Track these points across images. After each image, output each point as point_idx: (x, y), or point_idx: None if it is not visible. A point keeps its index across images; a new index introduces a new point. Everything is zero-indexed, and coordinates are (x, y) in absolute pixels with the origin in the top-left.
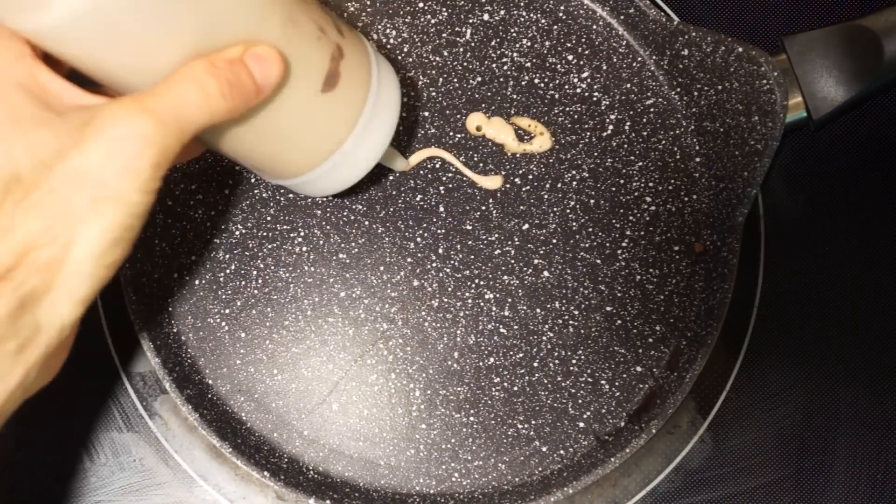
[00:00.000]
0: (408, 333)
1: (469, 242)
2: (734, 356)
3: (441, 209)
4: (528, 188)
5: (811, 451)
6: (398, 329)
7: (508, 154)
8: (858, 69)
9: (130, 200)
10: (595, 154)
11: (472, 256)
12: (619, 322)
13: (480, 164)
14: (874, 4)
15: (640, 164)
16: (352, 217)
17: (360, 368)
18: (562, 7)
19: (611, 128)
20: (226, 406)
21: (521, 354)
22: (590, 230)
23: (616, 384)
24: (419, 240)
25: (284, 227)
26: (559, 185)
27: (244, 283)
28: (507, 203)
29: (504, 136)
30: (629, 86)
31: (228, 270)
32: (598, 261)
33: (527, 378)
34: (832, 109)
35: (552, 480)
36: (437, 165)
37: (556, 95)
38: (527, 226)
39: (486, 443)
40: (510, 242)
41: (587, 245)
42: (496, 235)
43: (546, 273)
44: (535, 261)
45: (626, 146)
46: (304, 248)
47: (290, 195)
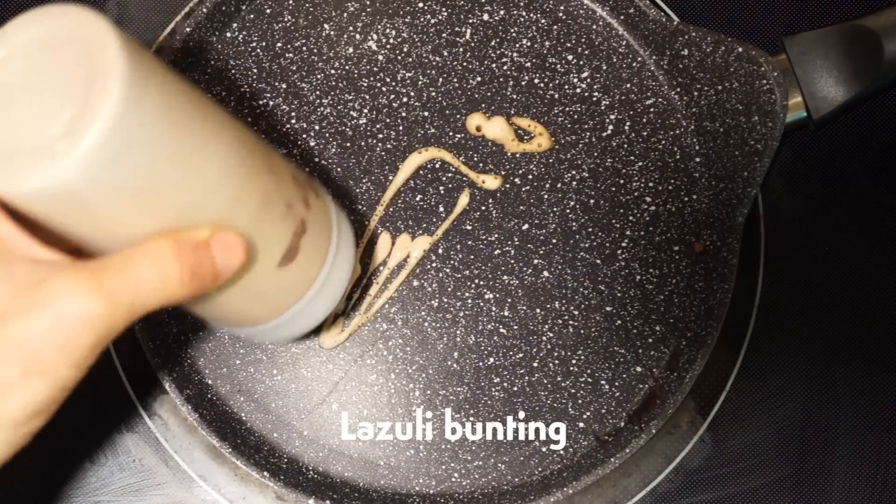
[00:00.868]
0: (408, 333)
1: (469, 242)
2: (734, 356)
3: (441, 209)
4: (528, 188)
5: (811, 451)
6: (398, 329)
7: (508, 154)
8: (858, 69)
9: (61, 375)
10: (595, 154)
11: (472, 256)
12: (619, 322)
13: (480, 164)
14: (874, 4)
15: (640, 164)
16: (352, 217)
17: (360, 368)
18: (562, 7)
19: (611, 128)
20: (226, 406)
21: (521, 354)
22: (590, 230)
23: (616, 384)
24: None
25: None
26: (559, 185)
27: None
28: (507, 203)
29: (504, 136)
30: (629, 86)
31: None
32: (598, 261)
33: (527, 378)
34: (832, 109)
35: (552, 480)
36: (437, 165)
37: (556, 95)
38: (527, 226)
39: (486, 443)
40: (510, 242)
41: (587, 245)
42: (496, 235)
43: (546, 273)
44: (535, 261)
45: (626, 146)
46: None
47: None
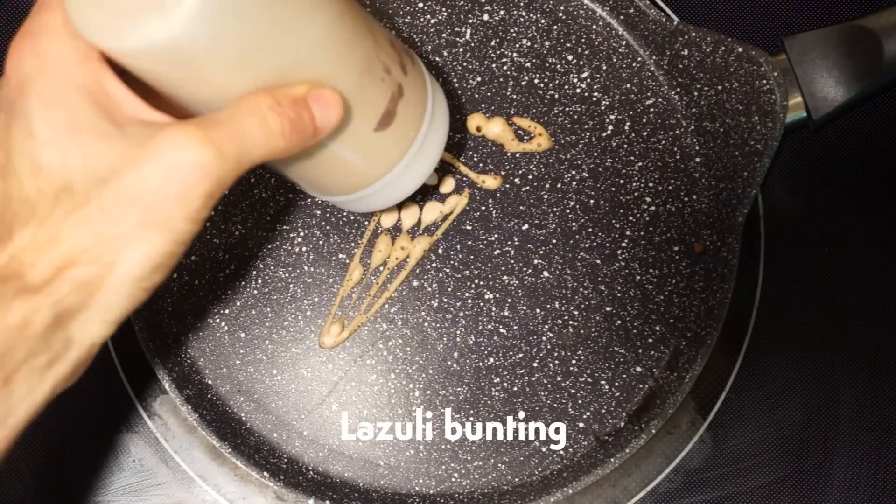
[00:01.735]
0: (407, 333)
1: (469, 242)
2: (734, 356)
3: (441, 209)
4: (528, 188)
5: (811, 451)
6: (398, 329)
7: (508, 154)
8: (858, 69)
9: (177, 228)
10: (595, 154)
11: (472, 256)
12: (619, 322)
13: (480, 164)
14: (874, 4)
15: (640, 164)
16: (352, 217)
17: (360, 368)
18: (562, 7)
19: (611, 128)
20: (225, 406)
21: (521, 354)
22: (590, 230)
23: (616, 384)
24: None
25: (284, 227)
26: (559, 185)
27: (244, 283)
28: (507, 203)
29: (504, 137)
30: (629, 86)
31: (228, 270)
32: (598, 261)
33: (527, 378)
34: (832, 109)
35: (552, 481)
36: (437, 165)
37: (556, 95)
38: (527, 226)
39: (486, 443)
40: (510, 242)
41: (587, 245)
42: (496, 235)
43: (546, 273)
44: (535, 261)
45: (626, 146)
46: (304, 248)
47: (290, 195)
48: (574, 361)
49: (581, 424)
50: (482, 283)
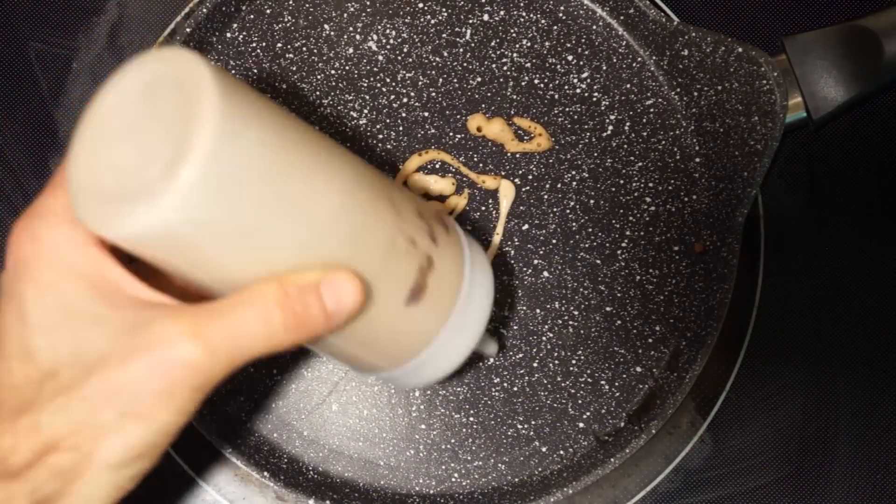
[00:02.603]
0: None
1: None
2: (734, 356)
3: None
4: (528, 188)
5: (811, 451)
6: None
7: (508, 154)
8: (858, 69)
9: (161, 420)
10: (595, 154)
11: None
12: (619, 322)
13: (480, 165)
14: (874, 4)
15: (640, 165)
16: None
17: None
18: (562, 7)
19: (611, 128)
20: (226, 406)
21: (521, 354)
22: (590, 230)
23: (616, 384)
24: None
25: None
26: (559, 186)
27: None
28: None
29: (504, 137)
30: (629, 86)
31: None
32: (598, 261)
33: (526, 378)
34: (832, 109)
35: (552, 481)
36: (437, 166)
37: (556, 96)
38: (527, 226)
39: (486, 443)
40: (510, 242)
41: (587, 245)
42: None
43: (546, 273)
44: (535, 261)
45: (626, 146)
46: None
47: None
48: (574, 361)
49: (581, 424)
50: None
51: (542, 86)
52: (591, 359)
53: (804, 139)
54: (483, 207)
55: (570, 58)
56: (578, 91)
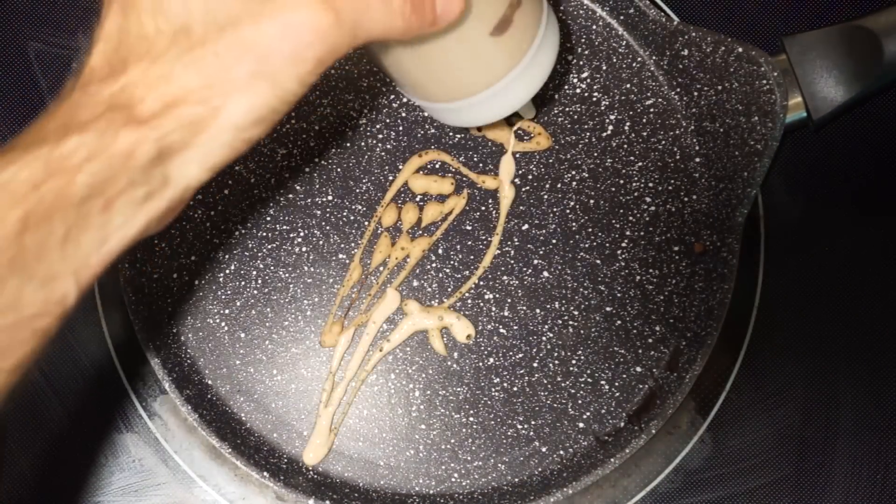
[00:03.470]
0: None
1: (469, 242)
2: (734, 356)
3: (441, 209)
4: (528, 188)
5: (811, 451)
6: (398, 328)
7: (508, 154)
8: (858, 69)
9: (285, 86)
10: (595, 154)
11: (472, 256)
12: (619, 322)
13: (480, 165)
14: (874, 4)
15: (640, 164)
16: (352, 217)
17: (360, 369)
18: (562, 7)
19: (611, 128)
20: (225, 406)
21: (521, 355)
22: (590, 230)
23: (616, 384)
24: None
25: (284, 227)
26: (559, 185)
27: (244, 284)
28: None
29: (504, 137)
30: (629, 86)
31: (228, 270)
32: (598, 261)
33: (526, 378)
34: (832, 109)
35: (552, 481)
36: (437, 166)
37: (556, 95)
38: (527, 226)
39: (486, 443)
40: (510, 242)
41: (587, 245)
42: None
43: (546, 273)
44: (535, 261)
45: (626, 146)
46: (304, 248)
47: (290, 195)
48: (574, 361)
49: (581, 424)
50: (482, 283)
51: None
52: (591, 359)
53: (804, 139)
54: (483, 207)
55: (570, 57)
56: (578, 91)
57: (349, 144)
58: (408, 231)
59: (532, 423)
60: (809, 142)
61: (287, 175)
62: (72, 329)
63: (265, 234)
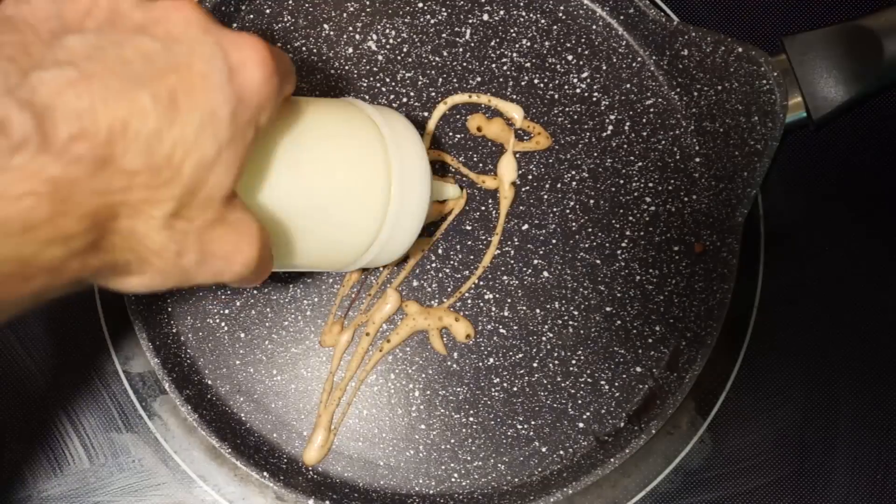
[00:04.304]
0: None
1: (469, 242)
2: (734, 356)
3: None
4: (528, 188)
5: (811, 451)
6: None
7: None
8: (858, 69)
9: None
10: (595, 154)
11: (472, 256)
12: (619, 322)
13: (480, 165)
14: (874, 4)
15: (640, 164)
16: None
17: (360, 369)
18: (561, 7)
19: (610, 128)
20: (225, 406)
21: (521, 355)
22: (589, 230)
23: (616, 384)
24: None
25: None
26: (559, 185)
27: None
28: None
29: (504, 137)
30: (629, 86)
31: None
32: (598, 261)
33: (526, 378)
34: (832, 109)
35: (552, 481)
36: (437, 166)
37: (556, 95)
38: (526, 226)
39: (486, 443)
40: (510, 242)
41: (587, 245)
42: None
43: (546, 273)
44: (535, 261)
45: (626, 146)
46: None
47: None
48: (574, 361)
49: (581, 424)
50: (482, 283)
51: (542, 86)
52: (591, 359)
53: (804, 139)
54: (483, 207)
55: (570, 58)
56: (578, 91)
57: None
58: None
59: (532, 423)
60: (809, 142)
61: None
62: (71, 329)
63: None
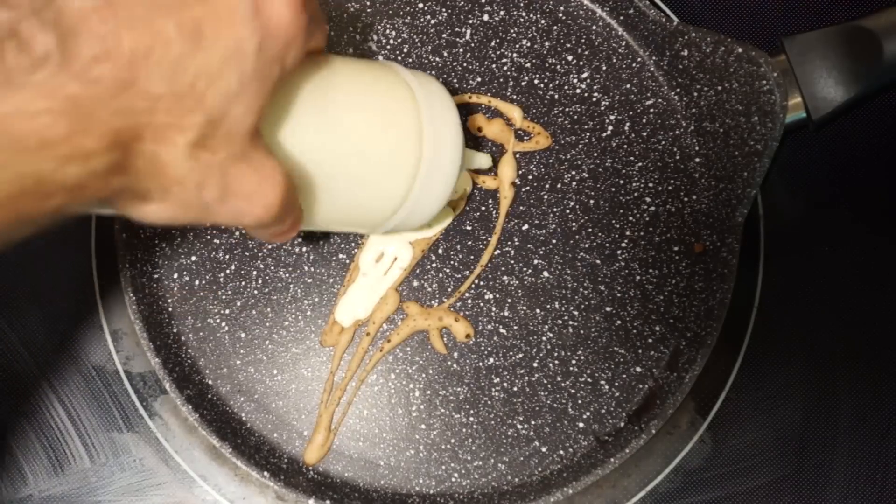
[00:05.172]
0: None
1: (469, 242)
2: (734, 356)
3: None
4: (528, 188)
5: (811, 451)
6: (398, 329)
7: (508, 154)
8: (858, 69)
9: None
10: (595, 154)
11: (472, 256)
12: (619, 322)
13: None
14: (874, 4)
15: (640, 165)
16: None
17: (361, 368)
18: (561, 7)
19: (610, 128)
20: (226, 406)
21: (521, 355)
22: (589, 230)
23: (616, 384)
24: None
25: None
26: (559, 186)
27: (244, 284)
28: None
29: (504, 137)
30: (629, 86)
31: (228, 271)
32: (598, 261)
33: (526, 378)
34: (832, 109)
35: (552, 481)
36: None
37: (556, 96)
38: (527, 226)
39: (486, 443)
40: (510, 243)
41: (587, 245)
42: (496, 235)
43: (546, 273)
44: (535, 261)
45: (626, 146)
46: (304, 248)
47: None
48: (574, 361)
49: (581, 424)
50: (482, 283)
51: (542, 86)
52: (591, 359)
53: (804, 139)
54: (483, 207)
55: (570, 58)
56: (578, 91)
57: None
58: None
59: (532, 423)
60: (809, 142)
61: None
62: (72, 329)
63: None
